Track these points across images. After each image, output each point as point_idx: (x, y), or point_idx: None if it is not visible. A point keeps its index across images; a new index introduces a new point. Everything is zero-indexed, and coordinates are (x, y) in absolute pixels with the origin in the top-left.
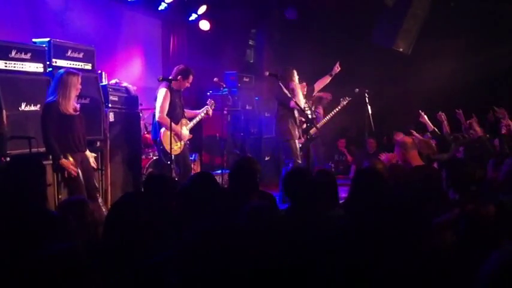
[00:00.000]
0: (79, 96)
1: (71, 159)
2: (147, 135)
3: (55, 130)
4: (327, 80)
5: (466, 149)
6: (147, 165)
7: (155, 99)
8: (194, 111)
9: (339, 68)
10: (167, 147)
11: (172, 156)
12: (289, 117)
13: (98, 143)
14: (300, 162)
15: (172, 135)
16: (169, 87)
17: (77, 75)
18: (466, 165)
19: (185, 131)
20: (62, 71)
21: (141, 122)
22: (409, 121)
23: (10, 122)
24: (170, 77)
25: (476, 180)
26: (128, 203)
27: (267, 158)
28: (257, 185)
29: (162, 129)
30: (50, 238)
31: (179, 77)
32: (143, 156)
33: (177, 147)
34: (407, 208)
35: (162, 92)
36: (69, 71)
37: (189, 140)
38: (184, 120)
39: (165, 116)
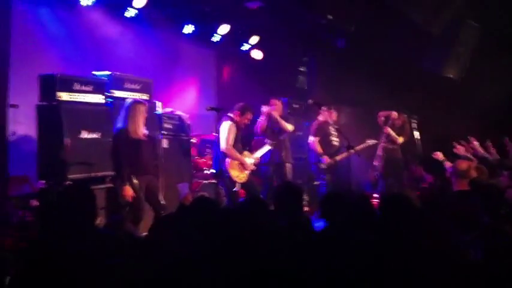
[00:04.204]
0: None
1: (135, 181)
2: (199, 160)
3: (125, 154)
4: None
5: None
6: (197, 189)
7: (217, 132)
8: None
9: None
10: (234, 175)
11: (238, 184)
12: None
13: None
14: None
15: (237, 164)
16: (233, 121)
17: (143, 104)
18: (500, 191)
19: (248, 160)
20: (129, 100)
21: (193, 147)
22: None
23: (73, 149)
24: (219, 107)
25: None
26: (166, 224)
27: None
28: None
29: (227, 160)
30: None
31: (238, 113)
32: (194, 180)
33: (242, 176)
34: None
35: (226, 125)
36: (137, 101)
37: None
38: (246, 152)
39: (231, 147)
